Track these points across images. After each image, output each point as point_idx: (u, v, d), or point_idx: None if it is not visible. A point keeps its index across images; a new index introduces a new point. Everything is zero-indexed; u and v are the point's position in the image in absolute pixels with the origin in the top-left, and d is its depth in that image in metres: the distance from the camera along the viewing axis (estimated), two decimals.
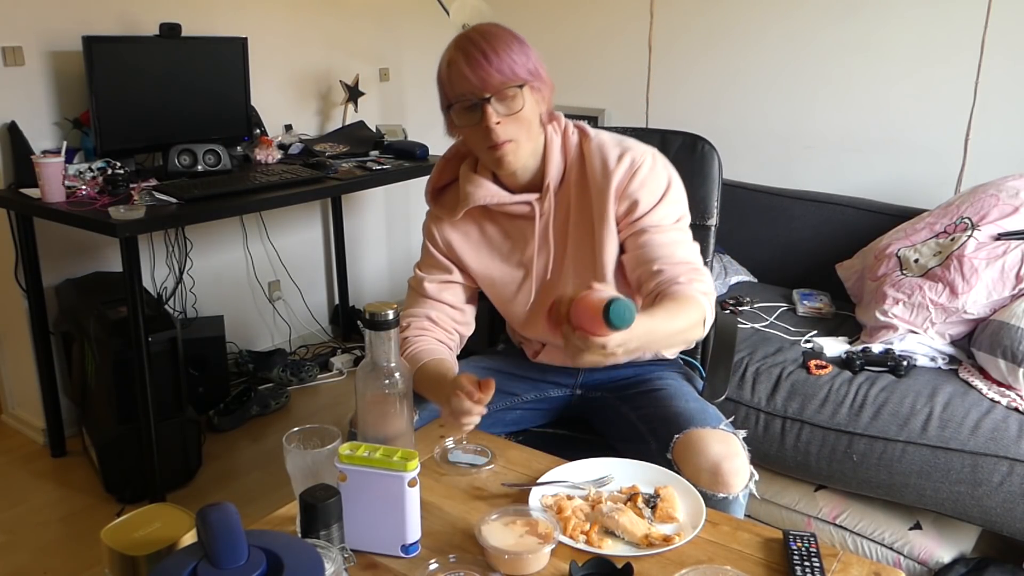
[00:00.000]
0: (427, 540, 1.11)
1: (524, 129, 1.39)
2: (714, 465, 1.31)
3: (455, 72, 1.35)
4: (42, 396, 2.63)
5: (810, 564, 1.03)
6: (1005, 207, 2.12)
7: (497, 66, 1.33)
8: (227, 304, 3.17)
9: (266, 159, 2.86)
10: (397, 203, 3.84)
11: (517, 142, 1.39)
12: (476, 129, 1.37)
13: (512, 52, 1.35)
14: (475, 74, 1.33)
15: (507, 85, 1.33)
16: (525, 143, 1.41)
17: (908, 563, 1.92)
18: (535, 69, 1.38)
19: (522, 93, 1.36)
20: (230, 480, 2.55)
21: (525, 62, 1.36)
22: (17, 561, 2.15)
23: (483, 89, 1.33)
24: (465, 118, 1.38)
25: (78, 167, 2.46)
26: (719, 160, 1.79)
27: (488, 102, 1.34)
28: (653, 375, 1.60)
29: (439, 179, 1.57)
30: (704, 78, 3.15)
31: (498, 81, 1.33)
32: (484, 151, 1.41)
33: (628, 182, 1.42)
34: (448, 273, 1.56)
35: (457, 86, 1.35)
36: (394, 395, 1.15)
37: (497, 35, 1.36)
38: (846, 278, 2.48)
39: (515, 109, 1.36)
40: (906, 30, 2.69)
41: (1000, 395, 1.91)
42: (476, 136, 1.39)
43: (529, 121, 1.39)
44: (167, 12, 2.75)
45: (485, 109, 1.34)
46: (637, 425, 1.51)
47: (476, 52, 1.33)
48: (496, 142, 1.37)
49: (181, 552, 0.85)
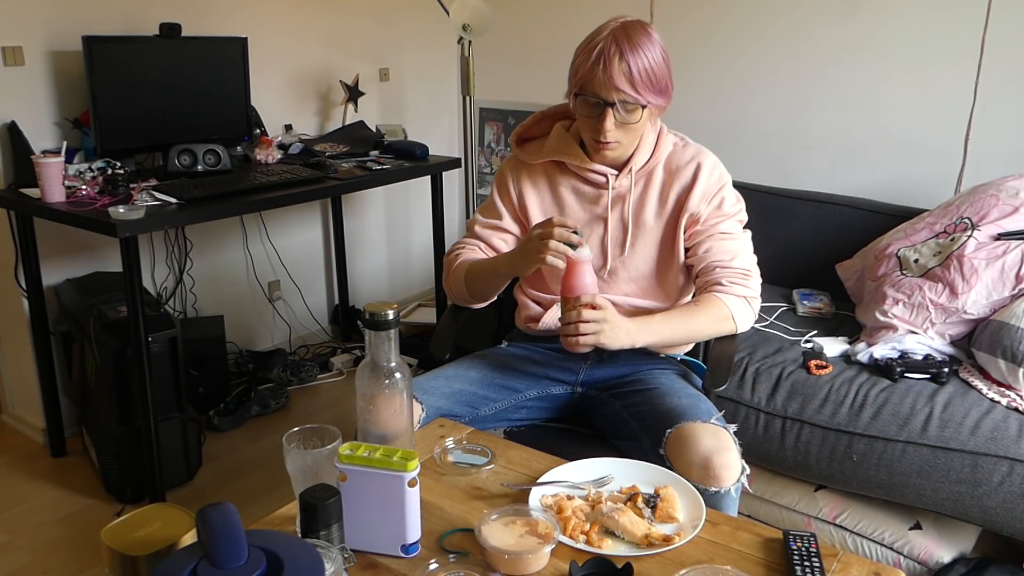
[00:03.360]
0: (427, 540, 1.11)
1: (632, 137, 1.51)
2: (704, 459, 1.32)
3: (598, 66, 1.42)
4: (42, 396, 2.63)
5: (810, 564, 1.03)
6: (1005, 207, 2.12)
7: (634, 82, 1.41)
8: (227, 304, 3.17)
9: (266, 159, 2.86)
10: (397, 203, 3.84)
11: (622, 144, 1.51)
12: (591, 121, 1.48)
13: (654, 71, 1.43)
14: (612, 81, 1.41)
15: (634, 102, 1.43)
16: (628, 146, 1.53)
17: (908, 563, 1.92)
18: (666, 88, 1.47)
19: (644, 111, 1.46)
20: (230, 480, 2.55)
21: (660, 85, 1.45)
22: (17, 561, 2.15)
23: (611, 95, 1.42)
24: (586, 109, 1.48)
25: (78, 167, 2.46)
26: None
27: (612, 107, 1.44)
28: (650, 374, 1.61)
29: (530, 129, 1.67)
30: (704, 78, 3.16)
31: (629, 96, 1.42)
32: (590, 141, 1.52)
33: (717, 190, 1.57)
34: (503, 220, 1.66)
35: (592, 80, 1.43)
36: (394, 395, 1.15)
37: (646, 47, 1.43)
38: (846, 278, 2.48)
39: (632, 121, 1.46)
40: (906, 30, 2.69)
41: (1000, 395, 1.91)
42: (588, 126, 1.50)
43: (639, 133, 1.51)
44: (167, 12, 2.75)
45: (607, 112, 1.44)
46: (630, 422, 1.52)
47: (625, 60, 1.41)
48: (604, 141, 1.48)
49: (181, 552, 0.85)
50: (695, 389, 1.58)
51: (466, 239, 1.70)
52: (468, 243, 1.68)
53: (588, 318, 1.35)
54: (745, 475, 1.36)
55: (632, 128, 1.48)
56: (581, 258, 1.36)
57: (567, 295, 1.37)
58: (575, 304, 1.36)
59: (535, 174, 1.64)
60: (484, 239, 1.67)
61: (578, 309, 1.36)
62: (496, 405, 1.62)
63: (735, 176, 1.65)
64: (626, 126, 1.47)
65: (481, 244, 1.68)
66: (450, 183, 3.77)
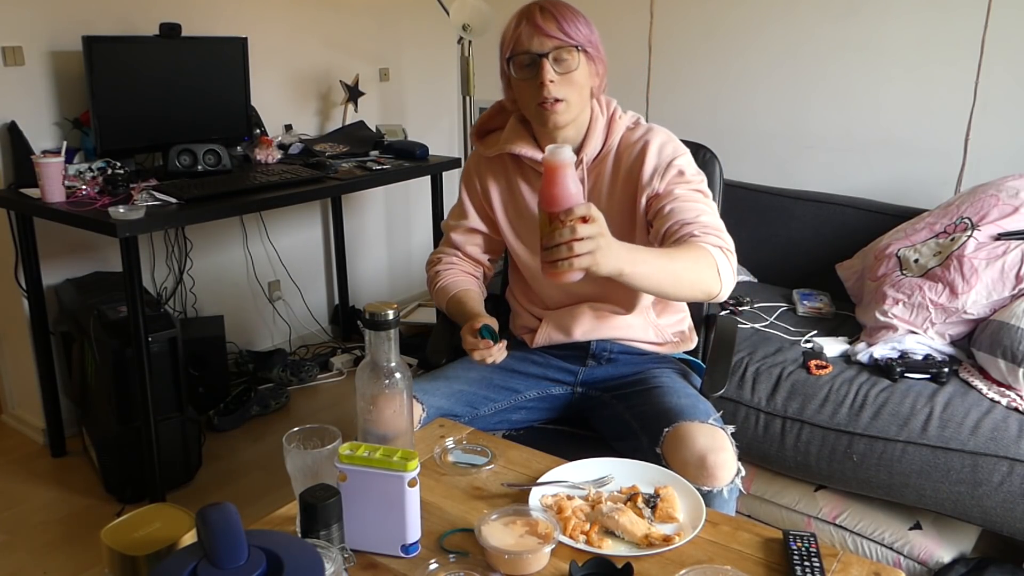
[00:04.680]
0: (427, 540, 1.11)
1: (576, 92, 1.45)
2: (699, 458, 1.32)
3: (520, 28, 1.43)
4: (42, 396, 2.63)
5: (810, 564, 1.03)
6: (1005, 207, 2.12)
7: (560, 27, 1.41)
8: (227, 304, 3.17)
9: (266, 159, 2.86)
10: (397, 203, 3.84)
11: (567, 102, 1.45)
12: (530, 84, 1.45)
13: (577, 20, 1.44)
14: (538, 31, 1.41)
15: (566, 45, 1.42)
16: (574, 105, 1.47)
17: (908, 563, 1.92)
18: (595, 41, 1.47)
19: (578, 56, 1.43)
20: (230, 480, 2.55)
21: (587, 32, 1.45)
22: (17, 561, 2.15)
23: (543, 45, 1.41)
24: (521, 72, 1.45)
25: (78, 167, 2.46)
26: (720, 168, 1.82)
27: (546, 58, 1.41)
28: (650, 374, 1.61)
29: (488, 121, 1.66)
30: (704, 78, 3.16)
31: (558, 40, 1.41)
32: (533, 107, 1.47)
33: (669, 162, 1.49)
34: (469, 219, 1.66)
35: (519, 41, 1.43)
36: (394, 395, 1.14)
37: (565, 4, 1.46)
38: (846, 278, 2.48)
39: (570, 68, 1.43)
40: (906, 30, 2.69)
41: (1000, 395, 1.91)
42: (528, 91, 1.46)
43: (581, 85, 1.46)
44: (167, 12, 2.75)
45: (542, 65, 1.42)
46: (630, 422, 1.52)
47: (547, 10, 1.43)
48: (547, 98, 1.43)
49: (181, 552, 0.85)
50: (695, 389, 1.57)
51: (443, 249, 1.72)
52: (445, 256, 1.70)
53: (583, 234, 1.11)
54: (740, 476, 1.35)
55: (572, 79, 1.44)
56: (562, 161, 1.13)
57: (552, 209, 1.13)
58: (565, 218, 1.12)
59: (495, 168, 1.64)
60: (459, 247, 1.70)
61: (571, 225, 1.11)
62: (496, 405, 1.62)
63: (735, 176, 1.66)
64: (567, 79, 1.44)
65: (457, 255, 1.70)
66: (450, 183, 3.76)
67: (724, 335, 1.77)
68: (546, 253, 1.15)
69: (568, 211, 1.13)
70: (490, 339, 1.42)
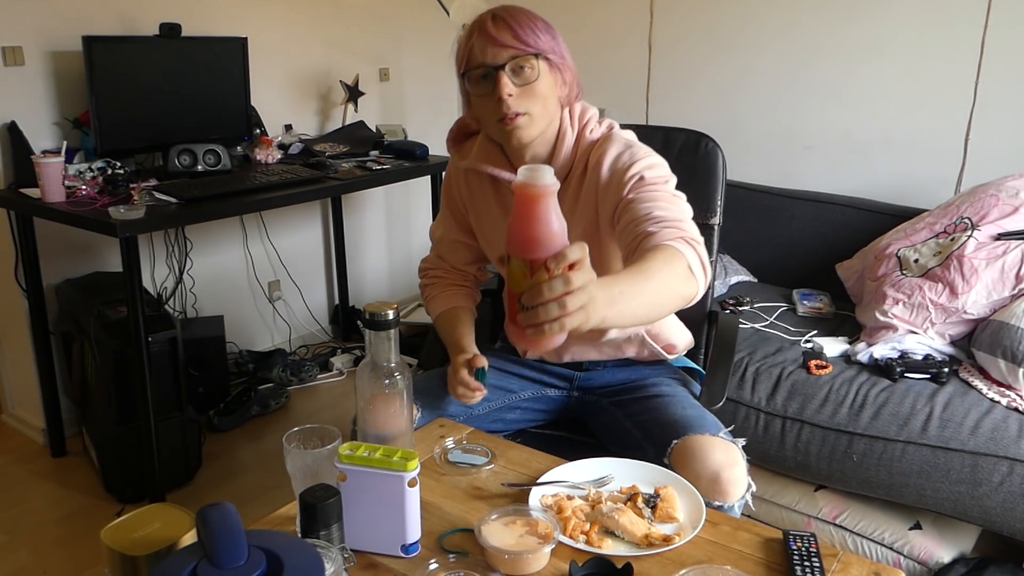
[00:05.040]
0: (427, 540, 1.11)
1: (539, 104, 1.33)
2: (714, 473, 1.30)
3: (472, 40, 1.32)
4: (42, 396, 2.63)
5: (810, 564, 1.03)
6: (1005, 207, 2.12)
7: (515, 35, 1.30)
8: (227, 304, 3.17)
9: (266, 159, 2.86)
10: (397, 203, 3.84)
11: (530, 115, 1.34)
12: (488, 100, 1.33)
13: (534, 26, 1.33)
14: (492, 42, 1.30)
15: (523, 54, 1.30)
16: (539, 119, 1.35)
17: (908, 563, 1.92)
18: (557, 48, 1.35)
19: (538, 64, 1.32)
20: (230, 480, 2.55)
21: (547, 38, 1.33)
22: (17, 561, 2.15)
23: (498, 56, 1.30)
24: (478, 87, 1.34)
25: (78, 167, 2.46)
26: (723, 158, 1.77)
27: (502, 69, 1.30)
28: (649, 381, 1.58)
29: (465, 126, 1.55)
30: (704, 78, 3.16)
31: (514, 49, 1.30)
32: (494, 124, 1.36)
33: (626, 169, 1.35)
34: (453, 229, 1.61)
35: (472, 54, 1.32)
36: (394, 395, 1.14)
37: (521, 11, 1.34)
38: (846, 278, 2.48)
39: (528, 79, 1.32)
40: (906, 30, 2.69)
41: (1000, 395, 1.91)
42: (488, 107, 1.34)
43: (544, 96, 1.34)
44: (167, 12, 2.75)
45: (499, 78, 1.30)
46: (632, 431, 1.50)
47: (497, 21, 1.32)
48: (507, 114, 1.32)
49: (181, 552, 0.85)
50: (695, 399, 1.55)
51: (431, 259, 1.67)
52: (432, 269, 1.66)
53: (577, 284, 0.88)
54: (750, 492, 1.34)
55: (534, 90, 1.32)
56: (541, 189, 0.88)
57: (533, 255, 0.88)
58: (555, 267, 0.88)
59: (472, 178, 1.54)
60: (444, 257, 1.64)
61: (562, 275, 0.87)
62: (490, 404, 1.60)
63: (735, 176, 1.64)
64: (528, 91, 1.31)
65: (444, 266, 1.64)
66: None
67: (724, 338, 1.74)
68: (528, 315, 0.89)
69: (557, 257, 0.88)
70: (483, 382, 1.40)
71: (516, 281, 0.91)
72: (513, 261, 0.91)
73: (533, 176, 0.89)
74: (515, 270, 0.91)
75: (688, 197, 1.80)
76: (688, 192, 1.80)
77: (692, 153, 1.77)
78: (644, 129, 1.85)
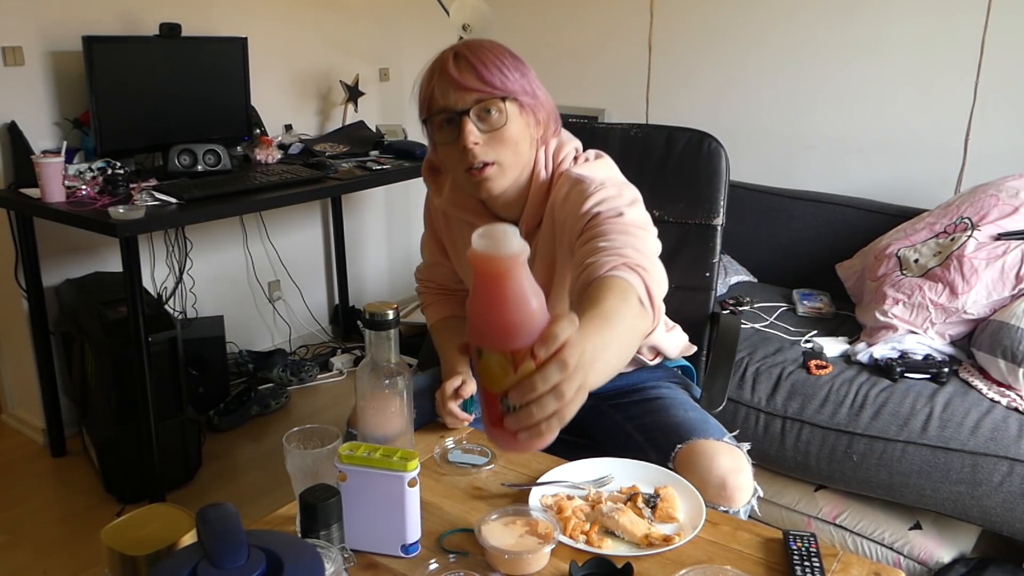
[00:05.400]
0: (427, 540, 1.11)
1: (509, 151, 1.22)
2: (721, 479, 1.29)
3: (433, 78, 1.22)
4: (42, 396, 2.63)
5: (810, 564, 1.03)
6: (1005, 207, 2.12)
7: (479, 76, 1.18)
8: (227, 304, 3.17)
9: (266, 159, 2.86)
10: (397, 203, 3.84)
11: (500, 165, 1.22)
12: (453, 148, 1.22)
13: (502, 64, 1.20)
14: (454, 83, 1.18)
15: (489, 97, 1.18)
16: (510, 168, 1.23)
17: (908, 563, 1.92)
18: (528, 86, 1.22)
19: (507, 108, 1.20)
20: (230, 480, 2.55)
21: (516, 77, 1.21)
22: (17, 561, 2.15)
23: (461, 100, 1.18)
24: (442, 135, 1.23)
25: (78, 167, 2.46)
26: (726, 158, 1.77)
27: (467, 115, 1.19)
28: (648, 384, 1.56)
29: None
30: (704, 78, 3.15)
31: (478, 92, 1.18)
32: (461, 174, 1.24)
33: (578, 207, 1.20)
34: (435, 255, 1.57)
35: (434, 98, 1.22)
36: (394, 395, 1.14)
37: (486, 47, 1.21)
38: (846, 278, 2.48)
39: (496, 125, 1.20)
40: (906, 30, 2.69)
41: (1000, 395, 1.91)
42: (453, 156, 1.23)
43: (515, 142, 1.22)
44: (167, 12, 2.75)
45: (463, 124, 1.19)
46: (634, 435, 1.49)
47: (459, 60, 1.19)
48: (473, 164, 1.21)
49: (181, 552, 0.85)
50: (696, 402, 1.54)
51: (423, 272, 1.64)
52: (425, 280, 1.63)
53: (572, 363, 0.72)
54: (756, 497, 1.33)
55: (502, 137, 1.20)
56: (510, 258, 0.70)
57: (515, 344, 0.71)
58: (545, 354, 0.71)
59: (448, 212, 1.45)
60: (433, 278, 1.61)
61: (556, 359, 0.71)
62: None
63: (736, 176, 1.62)
64: (496, 137, 1.20)
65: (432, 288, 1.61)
66: None
67: (725, 342, 1.73)
68: (519, 416, 0.72)
69: (546, 340, 0.71)
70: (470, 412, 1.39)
71: (494, 379, 0.73)
72: (487, 355, 0.72)
73: (495, 246, 0.70)
74: (492, 365, 0.72)
75: (691, 197, 1.80)
76: (691, 192, 1.80)
77: (695, 153, 1.76)
78: (647, 129, 1.84)
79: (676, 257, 1.78)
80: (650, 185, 1.82)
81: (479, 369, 0.74)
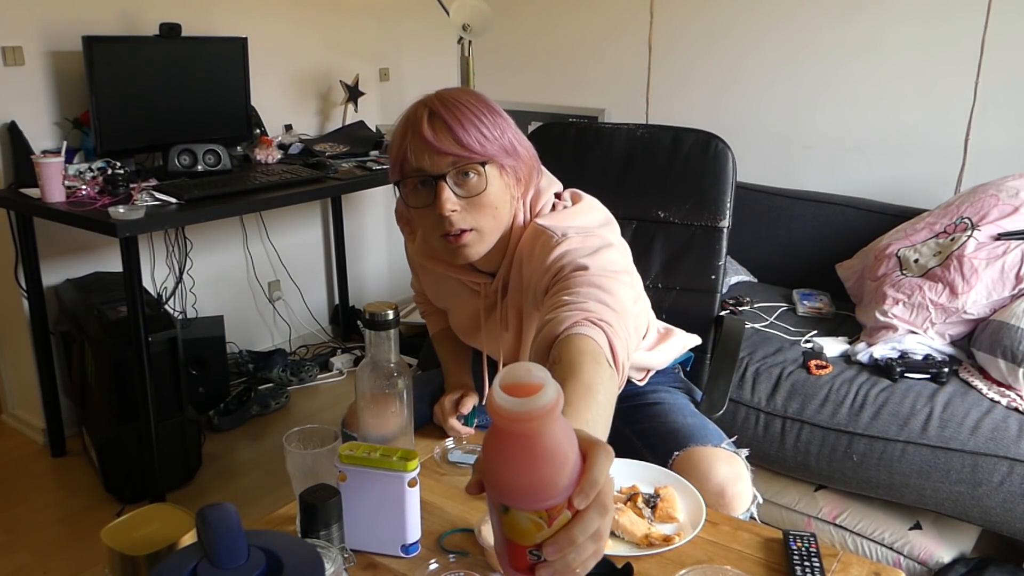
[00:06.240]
0: (427, 540, 1.11)
1: (488, 216, 1.15)
2: (719, 487, 1.28)
3: (407, 137, 1.13)
4: (42, 396, 2.63)
5: (810, 564, 1.03)
6: (1005, 207, 2.12)
7: (455, 138, 1.10)
8: (227, 304, 3.17)
9: (266, 159, 2.86)
10: None
11: (479, 232, 1.16)
12: (429, 212, 1.14)
13: (479, 123, 1.12)
14: (429, 147, 1.10)
15: (468, 162, 1.11)
16: (489, 233, 1.17)
17: (908, 563, 1.92)
18: (508, 145, 1.14)
19: (486, 171, 1.13)
20: (230, 480, 2.55)
21: (495, 136, 1.13)
22: (17, 561, 2.15)
23: (437, 165, 1.11)
24: (417, 198, 1.15)
25: (78, 167, 2.46)
26: (733, 159, 1.76)
27: (443, 180, 1.12)
28: (647, 388, 1.55)
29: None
30: (704, 78, 3.15)
31: (455, 156, 1.11)
32: (437, 239, 1.17)
33: (546, 267, 1.14)
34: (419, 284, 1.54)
35: (406, 160, 1.13)
36: (394, 395, 1.14)
37: (463, 102, 1.13)
38: (846, 278, 2.48)
39: (475, 191, 1.13)
40: (906, 30, 2.69)
41: (1000, 395, 1.91)
42: (429, 220, 1.15)
43: (494, 207, 1.15)
44: (167, 12, 2.75)
45: (439, 189, 1.11)
46: (633, 440, 1.48)
47: (434, 120, 1.11)
48: (450, 232, 1.14)
49: (181, 552, 0.85)
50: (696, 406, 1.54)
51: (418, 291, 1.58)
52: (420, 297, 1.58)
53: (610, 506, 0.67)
54: (756, 504, 1.32)
55: (481, 203, 1.13)
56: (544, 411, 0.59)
57: (551, 503, 0.63)
58: (582, 503, 0.64)
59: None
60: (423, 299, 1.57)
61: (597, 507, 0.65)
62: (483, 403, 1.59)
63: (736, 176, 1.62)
64: (474, 203, 1.13)
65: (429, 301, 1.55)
66: None
67: (728, 346, 1.72)
68: (555, 567, 0.65)
69: (585, 490, 0.63)
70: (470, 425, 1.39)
71: (524, 534, 0.64)
72: (516, 513, 0.64)
73: (526, 402, 0.58)
74: (521, 522, 0.64)
75: (697, 199, 1.78)
76: (697, 194, 1.79)
77: (702, 154, 1.76)
78: (653, 129, 1.83)
79: (681, 259, 1.77)
80: (656, 186, 1.82)
81: (504, 523, 0.65)
